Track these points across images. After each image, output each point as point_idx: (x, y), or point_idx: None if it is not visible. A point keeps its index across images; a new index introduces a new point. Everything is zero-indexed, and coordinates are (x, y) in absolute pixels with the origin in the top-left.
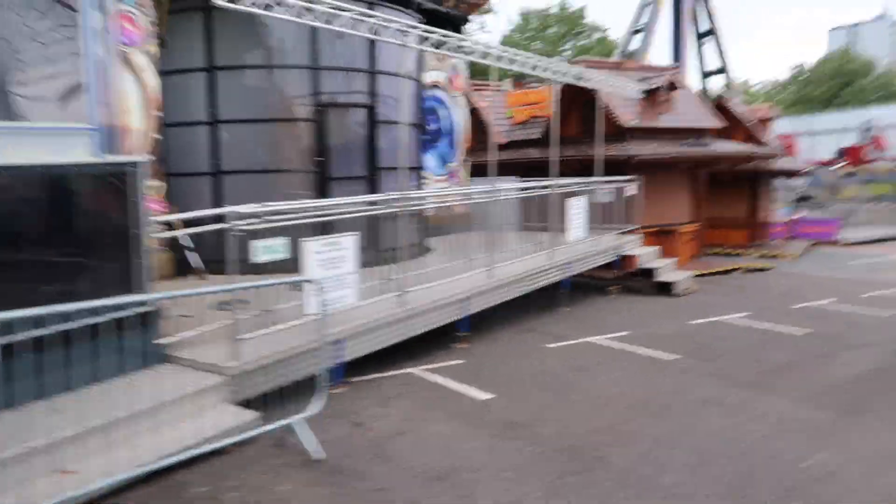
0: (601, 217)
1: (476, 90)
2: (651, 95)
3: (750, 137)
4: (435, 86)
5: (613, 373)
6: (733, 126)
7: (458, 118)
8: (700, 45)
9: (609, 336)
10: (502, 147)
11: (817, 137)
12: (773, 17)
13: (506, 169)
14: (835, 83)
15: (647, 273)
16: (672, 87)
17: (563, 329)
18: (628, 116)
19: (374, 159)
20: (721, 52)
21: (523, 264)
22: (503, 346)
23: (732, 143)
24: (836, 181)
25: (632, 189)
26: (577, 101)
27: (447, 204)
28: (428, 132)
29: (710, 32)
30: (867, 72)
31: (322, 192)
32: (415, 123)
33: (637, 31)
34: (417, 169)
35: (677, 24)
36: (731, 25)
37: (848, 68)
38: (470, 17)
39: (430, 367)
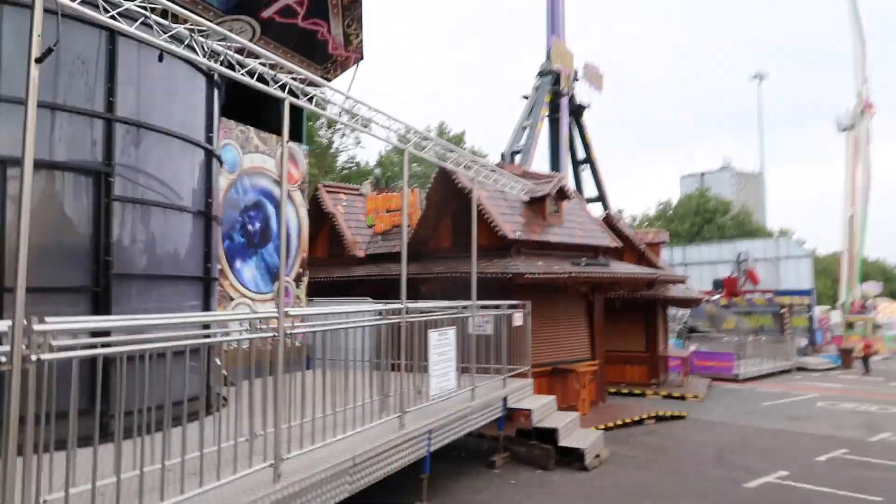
0: (480, 355)
1: (330, 193)
2: (538, 204)
3: (642, 260)
4: (260, 173)
5: None
6: (625, 248)
7: (294, 220)
8: (578, 173)
9: None
10: (361, 261)
11: (690, 268)
12: (631, 165)
13: (364, 287)
14: (697, 219)
15: (544, 434)
16: (562, 194)
17: None
18: (512, 227)
19: (106, 260)
20: (598, 181)
21: (355, 441)
22: None
23: (632, 266)
24: (717, 312)
25: (519, 318)
26: (449, 208)
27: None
28: (247, 233)
29: (587, 161)
30: (725, 210)
31: None
32: (202, 212)
33: (516, 153)
34: (207, 280)
35: (555, 149)
36: (604, 162)
37: (707, 206)
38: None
39: None
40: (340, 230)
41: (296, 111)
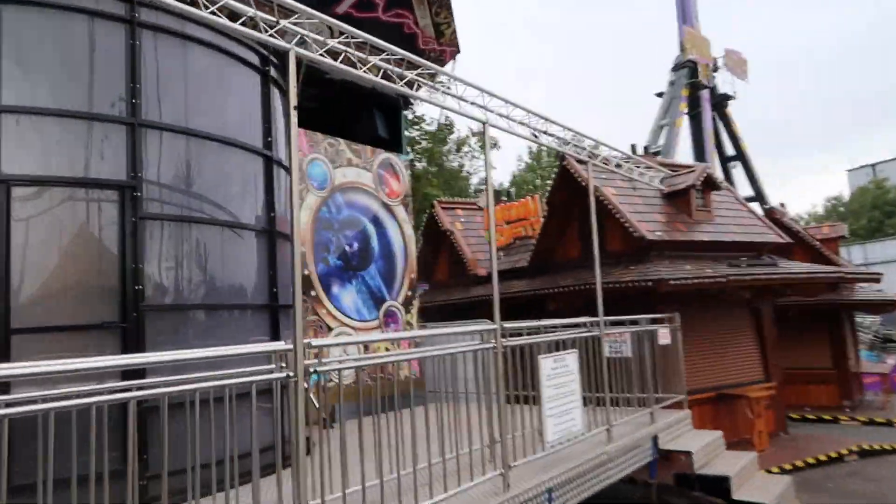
0: (615, 383)
1: (446, 209)
2: (680, 198)
3: (818, 259)
4: (355, 188)
5: None
6: (794, 245)
7: (399, 238)
8: (727, 171)
9: None
10: (482, 280)
11: (874, 268)
12: (784, 161)
13: (485, 308)
14: (876, 214)
15: (710, 482)
16: (709, 184)
17: None
18: (649, 227)
19: (136, 290)
20: (753, 178)
21: None
22: None
23: (807, 265)
24: None
25: (665, 334)
26: (575, 211)
27: (374, 362)
28: (344, 255)
29: (738, 157)
30: None
31: None
32: (264, 230)
33: (655, 154)
34: (274, 308)
35: (699, 146)
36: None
37: (886, 199)
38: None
39: None
40: (459, 248)
41: (395, 117)
